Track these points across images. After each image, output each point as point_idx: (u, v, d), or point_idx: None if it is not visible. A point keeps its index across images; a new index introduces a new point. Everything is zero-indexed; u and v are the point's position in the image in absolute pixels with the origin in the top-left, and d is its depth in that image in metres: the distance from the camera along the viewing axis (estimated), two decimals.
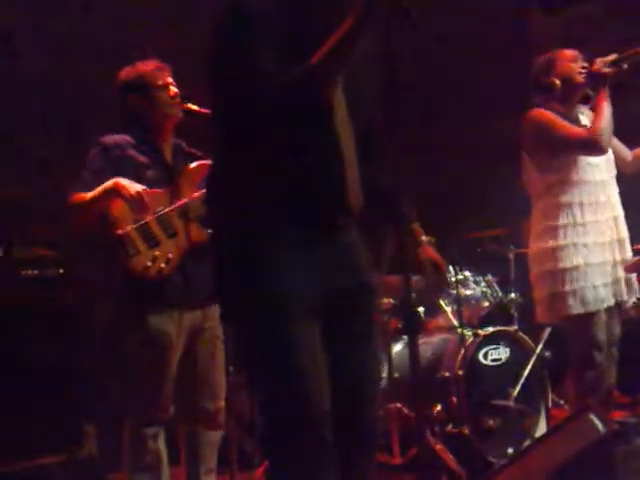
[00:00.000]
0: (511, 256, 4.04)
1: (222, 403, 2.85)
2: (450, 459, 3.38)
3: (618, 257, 3.03)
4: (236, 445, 3.12)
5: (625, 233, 3.08)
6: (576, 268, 2.95)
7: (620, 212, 3.09)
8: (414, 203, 2.05)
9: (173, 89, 2.81)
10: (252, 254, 1.81)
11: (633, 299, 3.08)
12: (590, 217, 2.99)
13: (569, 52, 3.11)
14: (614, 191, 3.09)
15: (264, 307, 1.79)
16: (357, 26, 1.70)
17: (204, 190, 2.65)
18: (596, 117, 2.97)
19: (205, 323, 2.83)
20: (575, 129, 3.01)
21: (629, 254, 3.07)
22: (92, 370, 3.49)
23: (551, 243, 2.99)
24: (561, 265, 2.96)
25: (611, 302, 2.99)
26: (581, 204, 2.99)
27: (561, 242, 2.98)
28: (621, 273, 3.02)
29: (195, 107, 2.80)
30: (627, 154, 3.21)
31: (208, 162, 2.72)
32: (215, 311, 2.77)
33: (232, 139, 1.86)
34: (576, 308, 2.94)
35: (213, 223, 1.96)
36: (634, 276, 3.07)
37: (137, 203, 2.65)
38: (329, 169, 1.82)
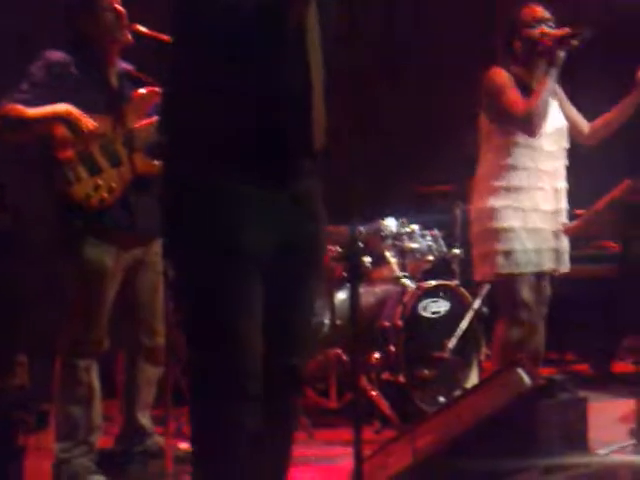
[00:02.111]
0: (457, 212, 4.00)
1: (161, 340, 2.76)
2: (384, 405, 3.38)
3: (554, 227, 3.00)
4: (172, 382, 3.06)
5: (564, 205, 3.04)
6: (511, 230, 2.92)
7: (563, 184, 3.04)
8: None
9: (120, 10, 2.62)
10: (203, 197, 1.67)
11: (564, 268, 3.05)
12: (532, 183, 2.95)
13: (534, 12, 2.97)
14: (561, 163, 3.04)
15: (209, 255, 1.68)
16: None
17: (153, 118, 2.55)
18: (532, 96, 2.89)
19: (146, 257, 2.72)
20: (517, 102, 2.90)
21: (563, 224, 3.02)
22: (25, 298, 3.36)
23: (491, 203, 2.96)
24: (497, 225, 2.93)
25: (541, 268, 2.98)
26: (525, 169, 2.94)
27: (500, 203, 2.94)
28: (555, 243, 2.99)
29: (144, 29, 2.63)
30: (584, 126, 3.15)
31: (158, 89, 2.56)
32: (157, 245, 2.68)
33: (192, 68, 1.68)
34: (505, 268, 2.92)
35: (165, 158, 1.80)
36: (565, 247, 3.03)
37: (85, 136, 2.51)
38: (297, 103, 1.67)
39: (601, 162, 3.28)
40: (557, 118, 3.06)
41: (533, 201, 2.96)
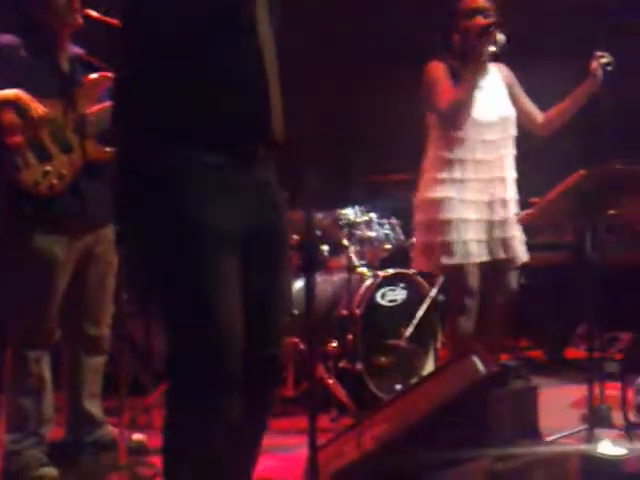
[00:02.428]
0: (414, 201, 3.99)
1: (106, 330, 2.75)
2: (341, 393, 3.37)
3: (497, 217, 3.01)
4: (129, 373, 3.02)
5: (511, 194, 3.04)
6: (448, 222, 2.94)
7: (510, 173, 3.04)
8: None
9: None
10: (165, 181, 1.62)
11: (517, 256, 3.06)
12: (471, 175, 2.96)
13: (470, 3, 2.95)
14: (507, 151, 3.03)
15: (178, 241, 1.61)
16: None
17: (105, 104, 2.50)
18: (455, 90, 2.90)
19: (97, 247, 2.67)
20: (443, 95, 2.92)
21: (513, 214, 3.02)
22: None
23: (430, 195, 3.00)
24: (436, 217, 2.97)
25: (483, 258, 2.99)
26: (463, 161, 2.95)
27: (439, 195, 2.97)
28: (498, 232, 3.00)
29: (96, 14, 2.57)
30: (538, 116, 3.16)
31: (110, 74, 2.50)
32: (108, 235, 2.64)
33: (143, 50, 1.65)
34: (444, 259, 2.95)
35: (120, 145, 1.74)
36: (514, 236, 3.04)
37: (35, 122, 2.43)
38: (252, 89, 1.65)
39: (556, 152, 3.30)
40: (503, 107, 3.05)
41: (471, 192, 2.96)
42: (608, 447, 1.95)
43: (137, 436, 2.85)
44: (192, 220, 1.61)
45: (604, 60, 2.92)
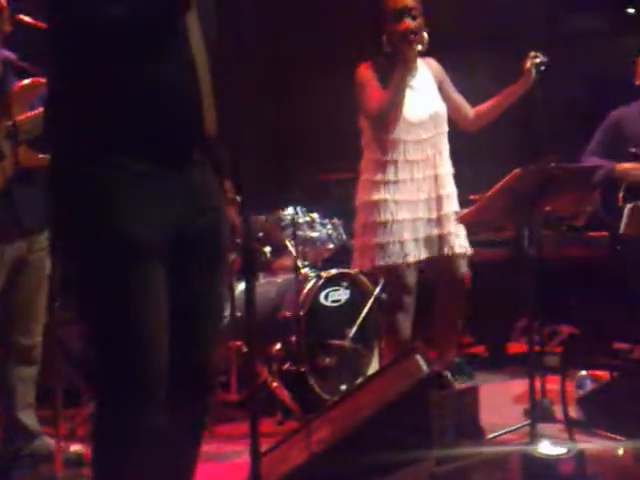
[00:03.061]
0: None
1: (39, 339, 2.67)
2: (285, 396, 3.32)
3: (434, 214, 3.04)
4: (64, 381, 2.92)
5: (447, 190, 3.06)
6: (384, 223, 2.99)
7: (444, 170, 3.06)
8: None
9: (1, 1, 2.48)
10: (93, 189, 1.60)
11: (458, 251, 3.09)
12: (404, 175, 2.99)
13: (395, 4, 2.93)
14: (441, 148, 3.05)
15: (102, 249, 1.59)
16: None
17: (38, 110, 2.43)
18: (383, 94, 2.91)
19: (30, 255, 2.59)
20: (371, 100, 2.93)
21: (450, 210, 3.06)
22: None
23: (366, 197, 3.04)
24: (372, 219, 3.00)
25: (420, 257, 3.03)
26: (396, 162, 2.98)
27: (374, 197, 3.00)
28: (436, 230, 3.04)
29: (28, 19, 2.50)
30: (468, 111, 3.16)
31: (43, 80, 2.44)
32: (42, 241, 2.57)
33: (73, 58, 1.62)
34: (381, 260, 3.00)
35: (51, 151, 1.70)
36: (451, 232, 3.07)
37: None
38: (184, 95, 1.63)
39: (494, 149, 3.33)
40: (433, 103, 3.06)
41: (406, 192, 2.99)
42: (548, 447, 1.96)
43: (75, 447, 2.76)
44: (116, 232, 1.59)
45: (537, 60, 2.95)
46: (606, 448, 2.33)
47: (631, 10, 4.42)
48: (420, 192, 3.00)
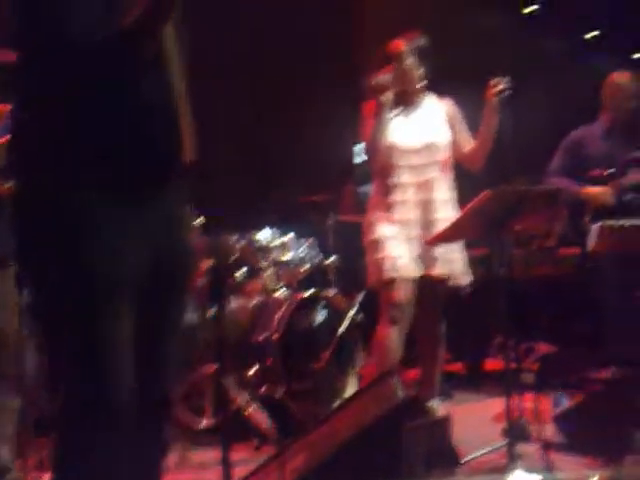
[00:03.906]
0: (330, 222, 3.97)
1: (13, 370, 2.60)
2: (261, 421, 3.26)
3: (426, 235, 3.13)
4: (34, 410, 2.86)
5: (442, 215, 3.14)
6: (379, 241, 3.17)
7: (440, 195, 3.18)
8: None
9: None
10: (65, 218, 1.56)
11: (451, 274, 3.19)
12: (398, 197, 3.18)
13: (389, 49, 3.16)
14: (434, 175, 3.18)
15: (72, 282, 1.56)
16: None
17: (2, 138, 2.36)
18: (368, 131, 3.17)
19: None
20: (364, 135, 3.18)
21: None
22: None
23: (368, 217, 3.26)
24: (370, 237, 3.21)
25: (414, 274, 3.16)
26: (392, 185, 3.18)
27: (372, 218, 3.22)
28: (428, 249, 3.15)
29: None
30: (465, 146, 3.27)
31: (7, 106, 2.40)
32: (11, 272, 2.50)
33: (48, 84, 1.56)
34: (376, 275, 3.17)
35: (19, 180, 1.64)
36: (443, 252, 3.15)
37: None
38: (161, 120, 1.60)
39: (464, 172, 3.36)
40: (430, 134, 3.23)
41: (399, 212, 3.17)
42: (521, 476, 1.92)
43: (46, 477, 2.69)
44: (85, 264, 1.56)
45: (499, 87, 3.02)
46: (581, 476, 2.31)
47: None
48: (411, 212, 3.16)
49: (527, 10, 4.83)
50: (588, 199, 3.67)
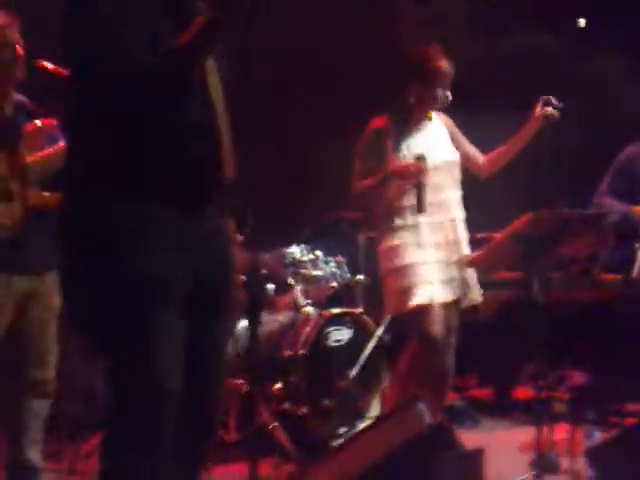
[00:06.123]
0: (361, 239, 3.89)
1: (52, 373, 2.61)
2: (283, 438, 3.18)
3: (454, 257, 3.01)
4: (69, 416, 2.85)
5: (462, 235, 3.04)
6: (410, 266, 2.96)
7: (458, 214, 3.06)
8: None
9: (19, 49, 2.49)
10: (117, 233, 1.59)
11: (473, 296, 3.07)
12: (423, 218, 2.98)
13: (434, 68, 2.98)
14: (453, 193, 3.06)
15: (122, 288, 1.58)
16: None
17: (47, 150, 2.46)
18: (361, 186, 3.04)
19: (40, 288, 2.56)
20: (355, 183, 3.05)
21: (465, 254, 3.03)
22: None
23: (389, 243, 3.02)
24: (397, 264, 2.98)
25: (447, 298, 2.99)
26: (413, 207, 2.97)
27: (396, 242, 3.00)
28: (456, 272, 3.01)
29: (51, 66, 2.49)
30: (479, 159, 3.19)
31: (53, 121, 2.49)
32: (53, 278, 2.52)
33: (97, 107, 1.63)
34: (410, 302, 2.94)
35: (70, 191, 1.68)
36: (470, 275, 3.05)
37: None
38: (204, 141, 1.65)
39: (499, 189, 3.28)
40: (447, 151, 3.10)
41: (427, 235, 2.99)
42: None
43: None
44: (137, 273, 1.58)
45: (549, 110, 2.94)
46: None
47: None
48: (440, 234, 3.00)
49: (576, 26, 4.72)
50: (638, 218, 3.48)
